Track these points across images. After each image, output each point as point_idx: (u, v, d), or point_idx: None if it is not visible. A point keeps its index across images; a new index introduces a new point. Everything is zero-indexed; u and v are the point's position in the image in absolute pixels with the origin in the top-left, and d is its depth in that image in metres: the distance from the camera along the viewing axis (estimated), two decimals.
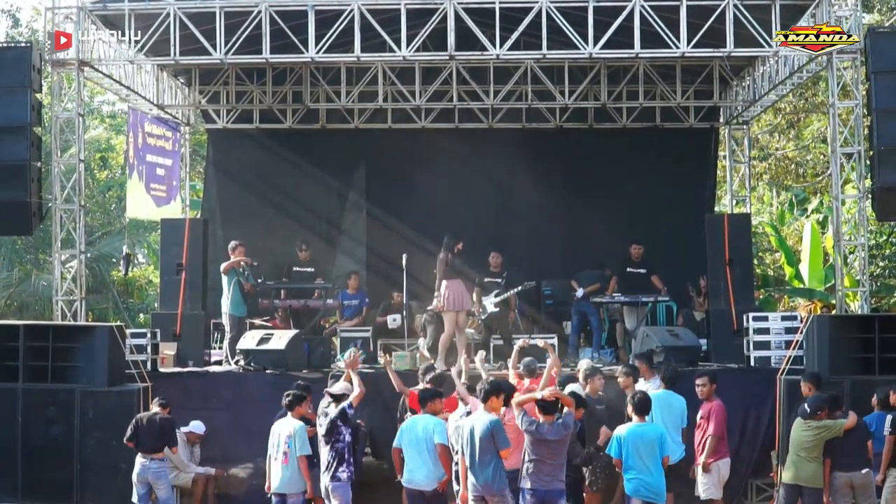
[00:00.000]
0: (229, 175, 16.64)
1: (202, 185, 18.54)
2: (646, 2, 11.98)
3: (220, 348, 13.74)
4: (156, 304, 15.94)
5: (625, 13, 12.03)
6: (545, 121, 16.36)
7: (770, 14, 12.03)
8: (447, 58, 12.80)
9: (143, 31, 12.38)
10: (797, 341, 11.40)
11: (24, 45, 13.02)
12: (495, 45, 12.21)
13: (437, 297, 11.92)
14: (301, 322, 13.41)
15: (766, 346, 11.98)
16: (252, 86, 16.09)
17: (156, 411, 10.39)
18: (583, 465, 9.41)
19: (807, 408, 9.50)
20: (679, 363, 11.35)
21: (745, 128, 16.87)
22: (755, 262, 17.62)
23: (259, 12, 12.16)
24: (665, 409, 9.75)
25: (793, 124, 22.59)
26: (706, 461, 9.92)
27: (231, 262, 13.12)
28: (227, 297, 13.02)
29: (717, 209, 18.49)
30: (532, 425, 8.29)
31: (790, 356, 11.25)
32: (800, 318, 12.18)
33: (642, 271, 13.64)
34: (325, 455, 9.16)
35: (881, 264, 18.70)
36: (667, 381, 10.13)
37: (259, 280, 13.33)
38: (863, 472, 9.39)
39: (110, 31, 12.58)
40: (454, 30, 12.11)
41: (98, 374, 11.04)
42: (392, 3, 12.14)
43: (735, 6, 11.93)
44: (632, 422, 8.88)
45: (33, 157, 11.88)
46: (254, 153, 16.52)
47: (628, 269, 13.69)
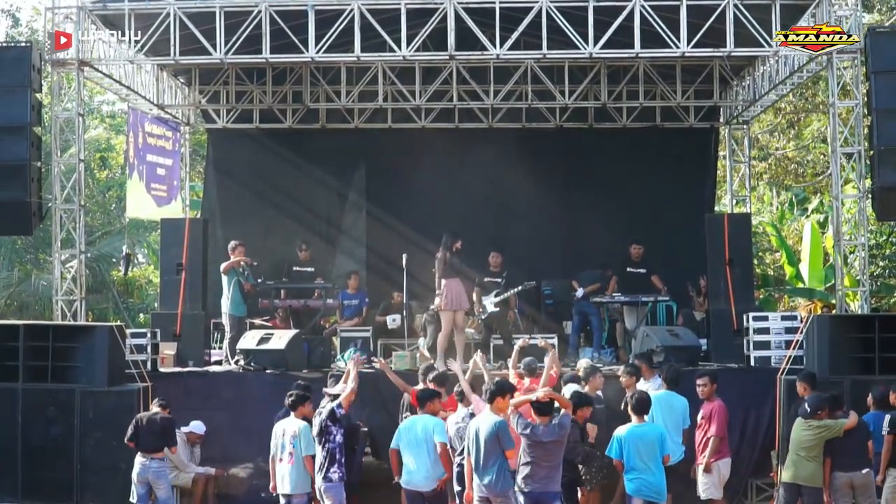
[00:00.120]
0: (229, 175, 16.64)
1: (202, 185, 18.53)
2: (646, 2, 11.97)
3: (220, 348, 13.74)
4: (156, 304, 15.94)
5: (625, 13, 12.03)
6: (545, 121, 16.35)
7: (770, 14, 12.03)
8: (447, 58, 12.80)
9: (143, 31, 12.38)
10: (797, 341, 11.40)
11: (24, 45, 13.00)
12: (495, 45, 12.20)
13: (439, 294, 11.93)
14: (301, 322, 13.41)
15: (766, 346, 11.98)
16: (252, 86, 16.09)
17: (156, 411, 10.39)
18: (581, 464, 9.40)
19: (807, 407, 9.48)
20: (679, 363, 11.34)
21: (745, 128, 16.87)
22: (755, 262, 17.61)
23: (259, 12, 12.15)
24: (666, 410, 9.75)
25: (793, 124, 22.56)
26: (708, 461, 9.92)
27: (231, 262, 13.13)
28: (227, 297, 13.03)
29: (717, 209, 18.49)
30: (527, 427, 8.26)
31: (790, 356, 11.25)
32: (800, 318, 12.18)
33: (642, 271, 13.64)
34: (318, 455, 9.15)
35: (881, 264, 18.70)
36: (669, 382, 10.13)
37: (259, 280, 13.33)
38: (863, 472, 9.38)
39: (110, 30, 12.58)
40: (454, 30, 12.11)
41: (98, 374, 11.03)
42: (392, 3, 12.13)
43: (735, 6, 11.93)
44: (631, 422, 8.88)
45: (33, 157, 11.88)
46: (254, 153, 16.52)
47: (628, 269, 13.69)
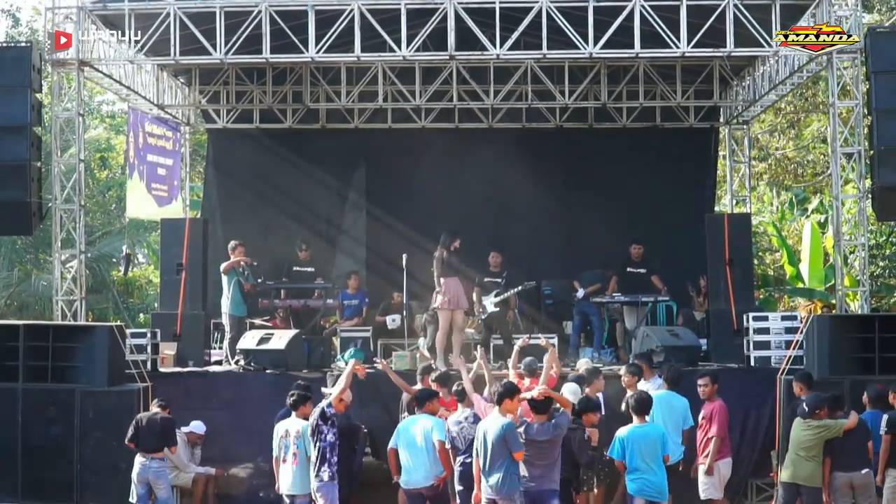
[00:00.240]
0: (229, 175, 16.64)
1: (202, 185, 18.53)
2: (646, 2, 11.97)
3: (220, 348, 13.74)
4: (156, 304, 15.95)
5: (625, 13, 12.02)
6: (545, 121, 16.34)
7: (770, 14, 12.02)
8: (447, 58, 12.80)
9: (143, 31, 12.37)
10: (797, 341, 11.40)
11: (24, 45, 13.01)
12: (495, 45, 12.20)
13: (439, 292, 11.92)
14: (301, 322, 13.40)
15: (766, 346, 11.97)
16: (252, 86, 16.08)
17: (155, 411, 10.38)
18: (586, 467, 9.38)
19: (805, 407, 9.49)
20: (679, 363, 11.34)
21: (745, 128, 16.87)
22: (755, 262, 17.61)
23: (259, 12, 12.15)
24: (666, 410, 9.74)
25: (793, 124, 22.57)
26: (710, 464, 9.90)
27: (231, 262, 13.13)
28: (227, 297, 13.03)
29: (717, 209, 18.49)
30: (521, 426, 8.25)
31: (790, 356, 11.25)
32: (800, 318, 12.18)
33: (642, 271, 13.63)
34: (312, 455, 9.11)
35: (881, 264, 18.70)
36: (669, 382, 10.13)
37: (259, 280, 13.32)
38: (863, 472, 9.38)
39: (110, 30, 12.58)
40: (454, 30, 12.10)
41: (98, 374, 11.03)
42: (392, 3, 12.13)
43: (735, 6, 11.93)
44: (633, 422, 8.88)
45: (33, 157, 11.88)
46: (254, 153, 16.52)
47: (628, 269, 13.67)
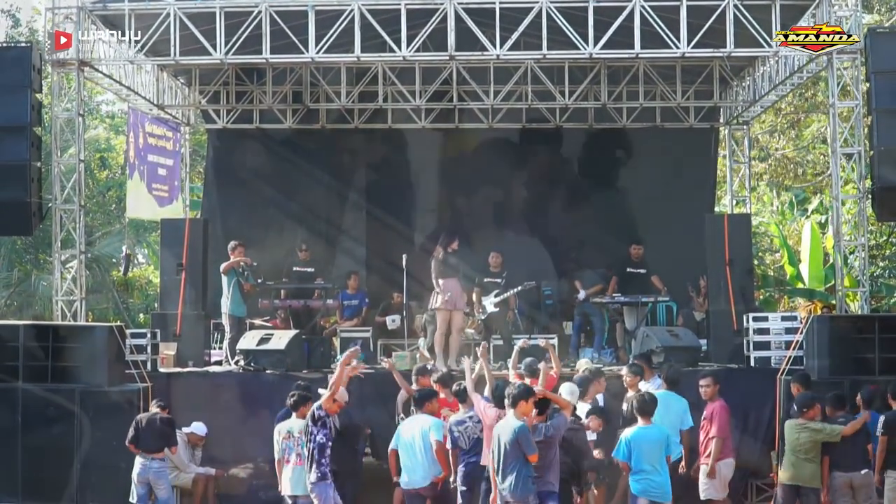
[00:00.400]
0: (229, 175, 16.64)
1: (202, 186, 18.52)
2: (646, 2, 11.97)
3: (220, 348, 13.73)
4: (156, 304, 15.94)
5: (625, 13, 12.02)
6: (545, 121, 16.33)
7: (770, 14, 12.02)
8: (447, 58, 12.80)
9: (143, 31, 12.38)
10: (797, 341, 11.39)
11: (24, 45, 13.04)
12: (495, 45, 12.20)
13: (438, 292, 11.92)
14: (301, 322, 13.39)
15: (766, 346, 11.97)
16: (252, 86, 16.08)
17: (155, 412, 10.40)
18: (589, 470, 9.35)
19: (794, 406, 9.51)
20: (679, 363, 11.34)
21: (745, 128, 16.87)
22: (755, 262, 17.61)
23: (259, 12, 12.15)
24: (664, 410, 9.69)
25: (793, 124, 22.55)
26: (712, 463, 9.88)
27: (231, 262, 13.12)
28: (227, 297, 13.02)
29: (717, 209, 18.49)
30: None
31: (790, 356, 11.24)
32: (800, 319, 12.19)
33: (642, 271, 13.62)
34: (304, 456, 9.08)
35: (881, 264, 18.71)
36: (669, 382, 10.13)
37: (259, 280, 13.32)
38: (862, 472, 9.38)
39: (110, 31, 12.58)
40: (454, 30, 12.10)
41: (98, 374, 11.04)
42: (392, 3, 12.13)
43: (735, 6, 11.92)
44: (637, 424, 8.86)
45: (33, 157, 11.88)
46: (254, 153, 16.52)
47: (628, 270, 13.66)
